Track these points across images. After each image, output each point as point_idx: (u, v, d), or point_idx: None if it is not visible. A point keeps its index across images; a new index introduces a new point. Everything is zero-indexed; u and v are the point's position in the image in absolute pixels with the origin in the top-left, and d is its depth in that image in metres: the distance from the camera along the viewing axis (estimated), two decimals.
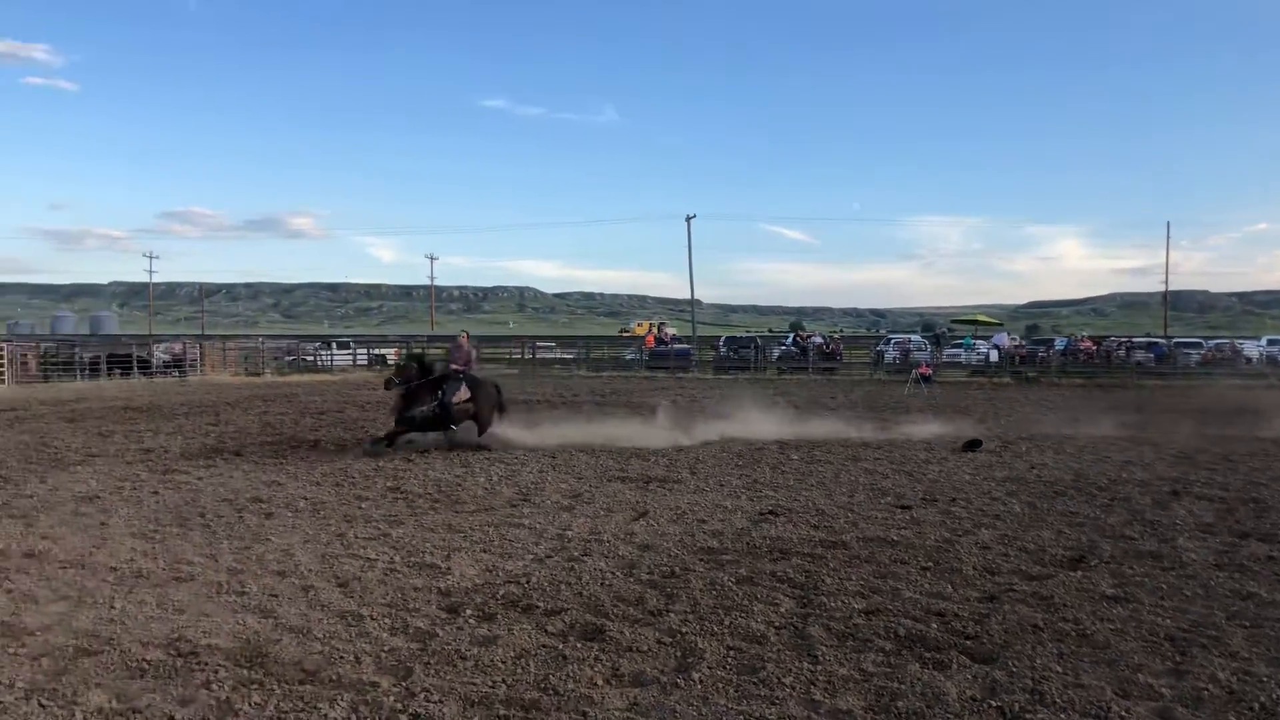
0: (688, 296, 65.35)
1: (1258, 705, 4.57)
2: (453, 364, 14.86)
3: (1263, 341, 42.62)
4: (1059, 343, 44.42)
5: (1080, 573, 7.03)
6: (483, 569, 7.08)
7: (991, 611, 6.03)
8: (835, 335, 57.10)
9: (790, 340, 45.90)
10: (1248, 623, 5.84)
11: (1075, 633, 5.63)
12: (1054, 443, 15.36)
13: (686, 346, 47.70)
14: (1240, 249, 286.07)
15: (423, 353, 15.56)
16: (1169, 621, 5.86)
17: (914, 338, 49.23)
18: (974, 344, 43.00)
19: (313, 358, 45.81)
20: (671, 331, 56.19)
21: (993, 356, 40.15)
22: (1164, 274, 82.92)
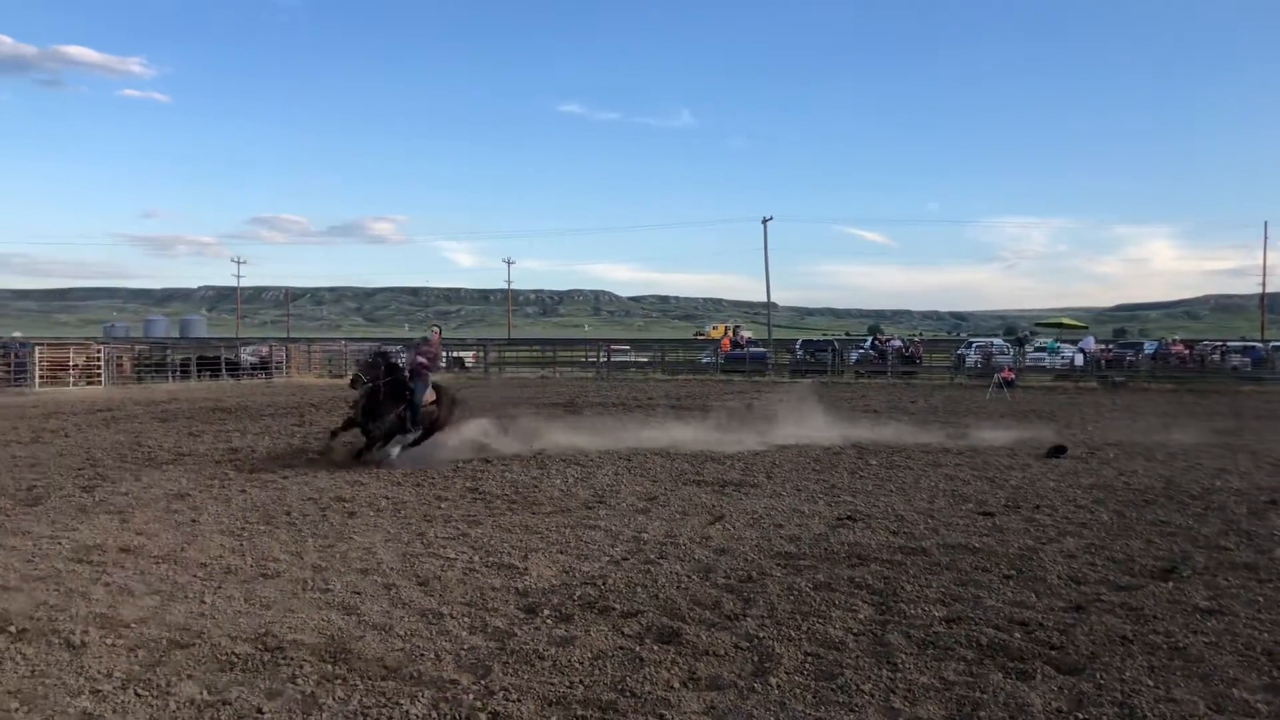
0: (763, 299, 65.03)
1: None
2: (420, 362, 13.40)
3: None
4: (1148, 346, 43.08)
5: (1172, 584, 6.81)
6: (559, 570, 7.14)
7: (1078, 622, 5.88)
8: (915, 339, 56.25)
9: (869, 344, 45.34)
10: None
11: (1167, 645, 5.45)
12: (1143, 449, 14.92)
13: (762, 350, 47.42)
14: None
15: (388, 350, 14.23)
16: (1266, 635, 5.64)
17: (996, 341, 48.22)
18: (1058, 348, 41.94)
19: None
20: (747, 334, 55.99)
21: (1078, 360, 39.11)
22: (1261, 275, 79.89)
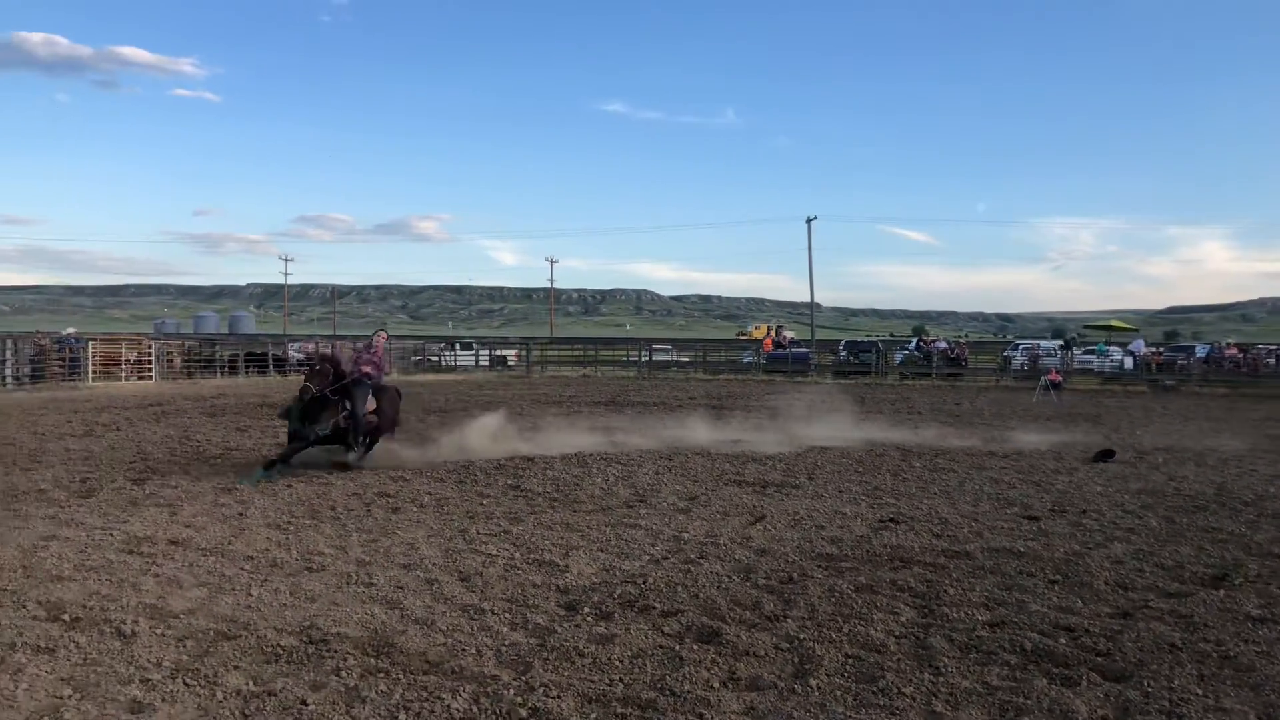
0: (807, 299, 64.76)
1: None
2: (361, 367, 12.49)
3: None
4: (1201, 350, 42.28)
5: (1223, 591, 6.67)
6: (600, 568, 7.15)
7: (1125, 628, 5.78)
8: (960, 340, 55.68)
9: (913, 345, 44.95)
10: None
11: (1217, 654, 5.34)
12: (1194, 455, 14.64)
13: (805, 350, 47.19)
14: None
15: (334, 352, 12.70)
16: None
17: (1043, 343, 47.56)
18: (1107, 350, 41.29)
19: (437, 358, 47.06)
20: (790, 335, 55.75)
21: (1127, 364, 38.47)
22: None
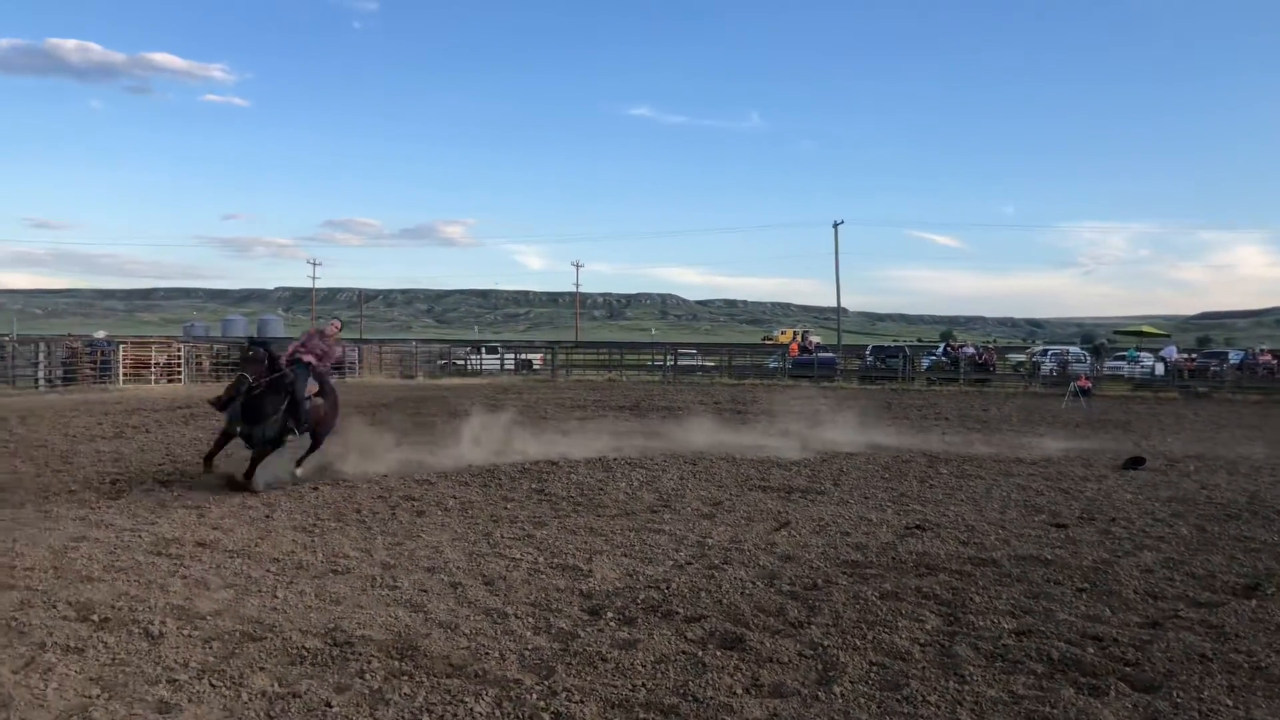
0: (833, 304, 64.47)
1: None
2: (303, 353, 11.31)
3: None
4: (1234, 356, 41.76)
5: (1255, 601, 6.57)
6: (623, 573, 7.15)
7: (1154, 638, 5.71)
8: (989, 345, 55.28)
9: (941, 350, 44.67)
10: None
11: (1248, 665, 5.26)
12: (1226, 463, 14.45)
13: (831, 355, 46.99)
14: None
15: (267, 341, 11.47)
16: None
17: (1073, 349, 47.12)
18: (1138, 356, 40.85)
19: (463, 362, 47.25)
20: (816, 340, 55.51)
21: (1159, 370, 38.04)
22: None
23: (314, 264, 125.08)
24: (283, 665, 5.06)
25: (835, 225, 60.73)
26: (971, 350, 43.45)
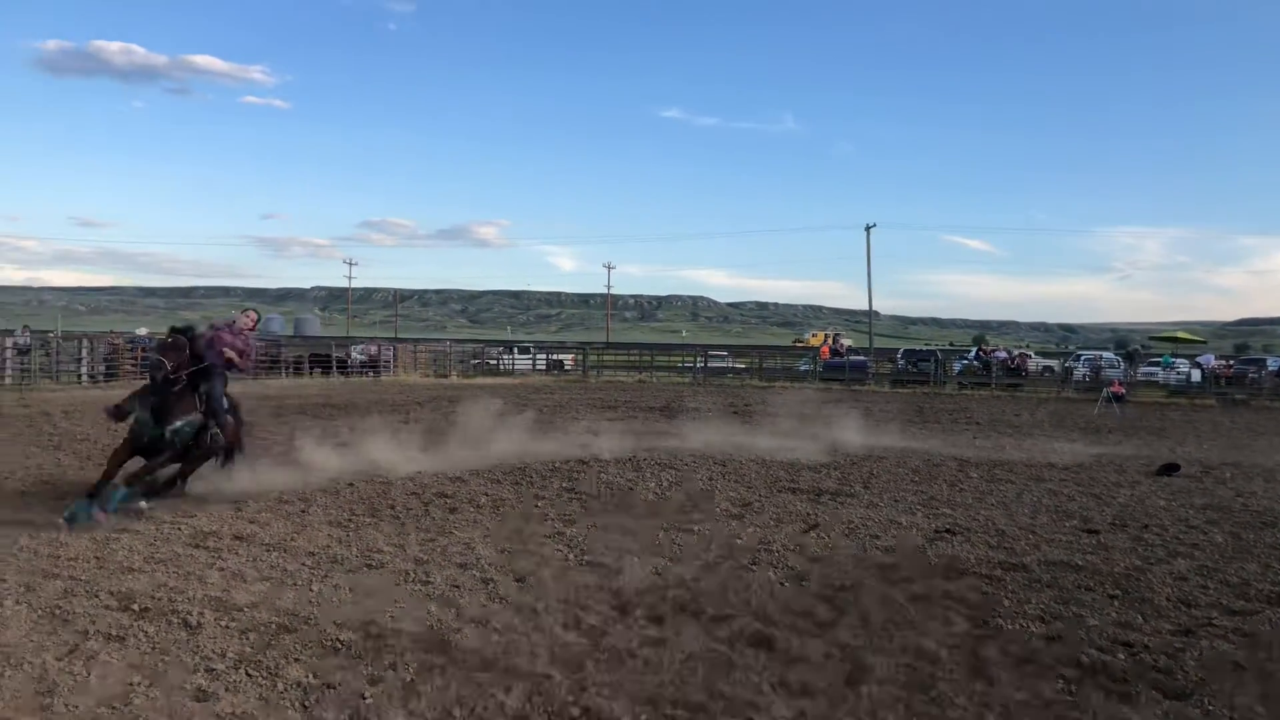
0: (865, 307, 64.09)
1: None
2: (221, 351, 9.49)
3: None
4: (1273, 363, 41.13)
5: None
6: (653, 571, 7.19)
7: (1187, 646, 5.68)
8: (1021, 350, 54.81)
9: (973, 354, 44.34)
10: None
11: None
12: (1263, 470, 14.26)
13: (863, 358, 46.79)
14: None
15: (191, 328, 9.51)
16: None
17: (1106, 354, 46.61)
18: (1174, 362, 40.34)
19: (495, 361, 47.53)
20: (847, 343, 55.32)
21: (1194, 376, 37.55)
22: None
23: (350, 264, 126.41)
24: (317, 657, 5.16)
25: (868, 228, 60.44)
26: (1003, 355, 43.11)
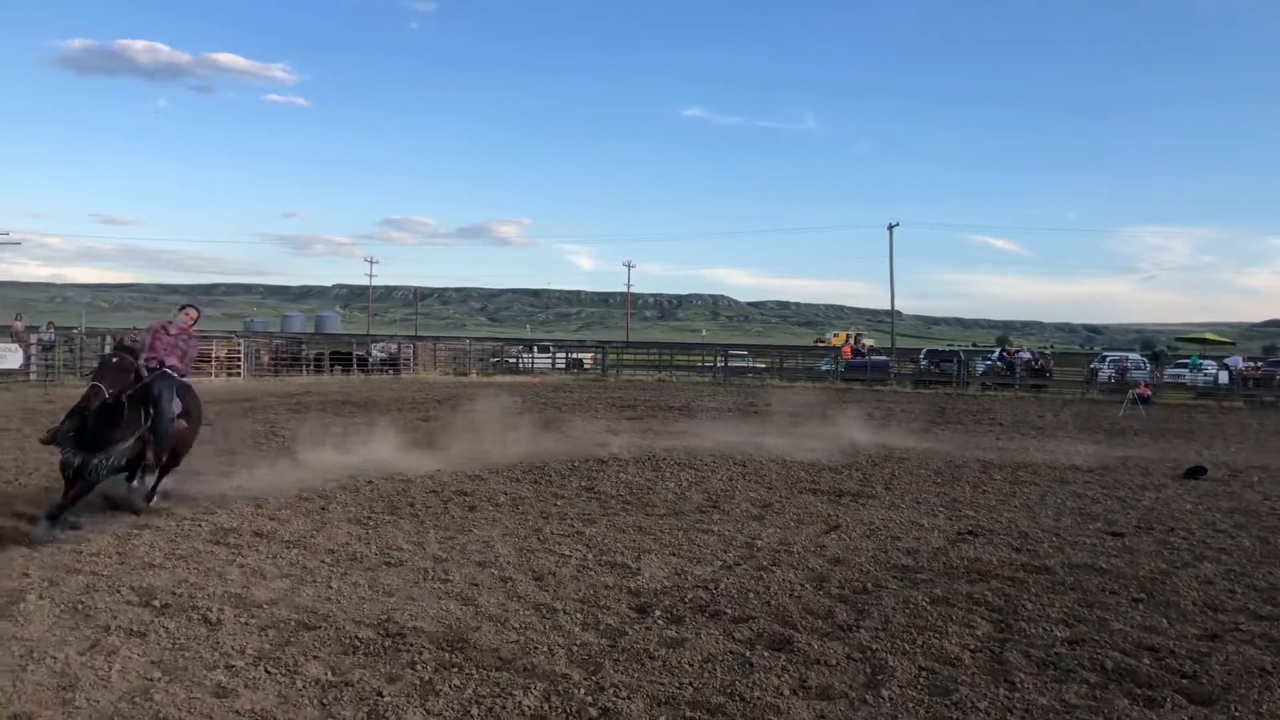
0: (887, 307, 63.90)
1: None
2: (163, 356, 8.83)
3: None
4: None
5: None
6: (672, 572, 7.16)
7: (1213, 650, 5.59)
8: (1045, 351, 54.41)
9: (996, 355, 44.02)
10: None
11: None
12: None
13: (885, 358, 46.52)
14: None
15: (136, 345, 8.65)
16: None
17: (1132, 356, 46.17)
18: (1201, 364, 39.89)
19: (515, 360, 47.61)
20: (869, 343, 55.03)
21: (1222, 378, 37.12)
22: None
23: (371, 262, 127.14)
24: (336, 654, 5.16)
25: (890, 228, 60.27)
26: (1027, 355, 42.79)
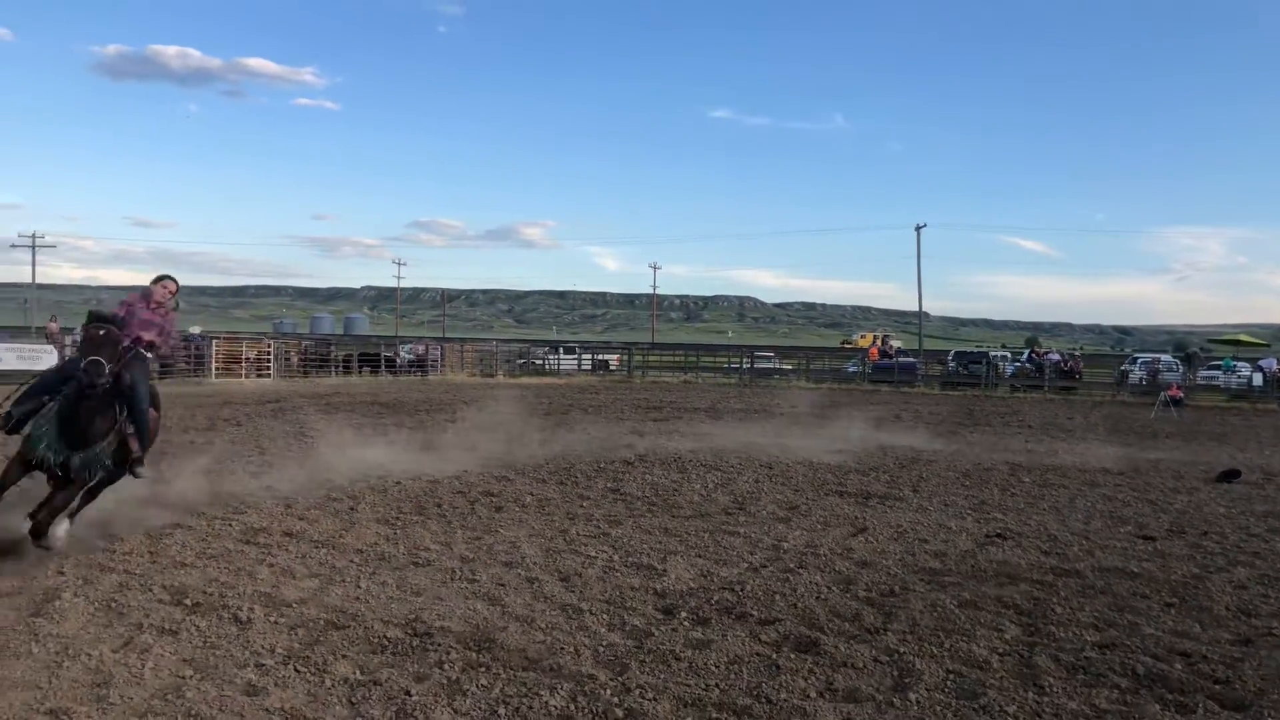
0: (914, 308, 63.53)
1: None
2: (140, 333, 7.47)
3: None
4: None
5: None
6: (698, 574, 7.16)
7: (1246, 656, 5.52)
8: (1075, 352, 53.89)
9: (1025, 356, 43.66)
10: None
11: None
12: None
13: (912, 360, 46.26)
14: None
15: (116, 317, 7.37)
16: None
17: (1164, 357, 45.64)
18: (1234, 366, 39.37)
19: (541, 361, 47.77)
20: (896, 344, 54.76)
21: (1256, 380, 36.62)
22: None
23: (399, 264, 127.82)
24: (364, 653, 5.20)
25: (918, 229, 59.91)
26: (1057, 357, 42.41)
